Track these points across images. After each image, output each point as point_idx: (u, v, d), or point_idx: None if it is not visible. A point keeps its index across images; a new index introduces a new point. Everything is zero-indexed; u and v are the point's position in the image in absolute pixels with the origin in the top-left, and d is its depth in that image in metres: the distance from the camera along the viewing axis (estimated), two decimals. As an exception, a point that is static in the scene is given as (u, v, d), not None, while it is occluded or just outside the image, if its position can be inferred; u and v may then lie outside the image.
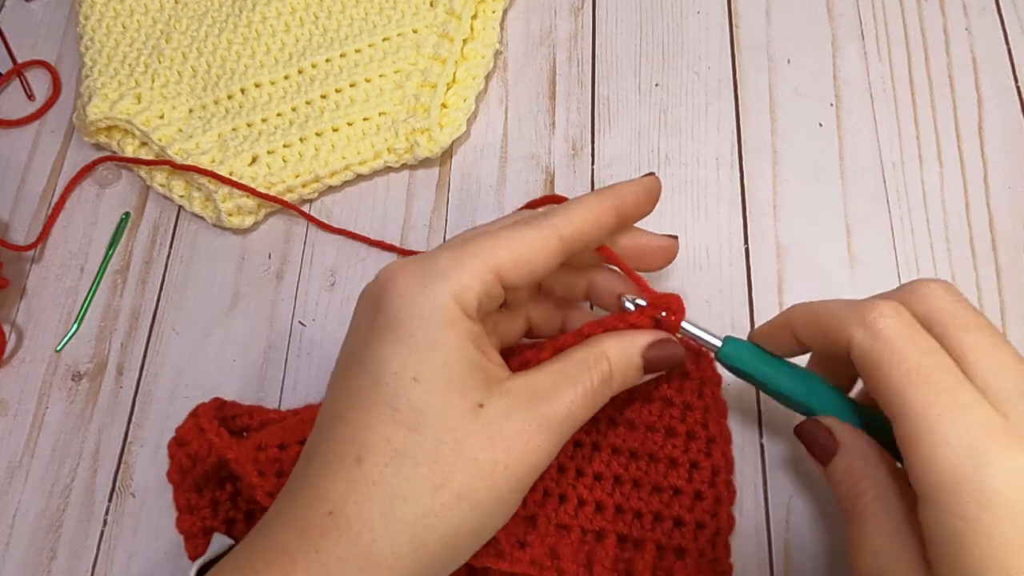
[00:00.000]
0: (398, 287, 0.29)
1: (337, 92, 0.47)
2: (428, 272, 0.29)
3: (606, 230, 0.32)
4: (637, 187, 0.33)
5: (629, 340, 0.32)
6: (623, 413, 0.36)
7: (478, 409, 0.28)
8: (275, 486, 0.33)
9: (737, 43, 0.48)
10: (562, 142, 0.46)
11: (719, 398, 0.36)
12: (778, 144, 0.45)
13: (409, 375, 0.28)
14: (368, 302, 0.30)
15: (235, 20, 0.49)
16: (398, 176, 0.47)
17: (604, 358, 0.31)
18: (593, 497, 0.35)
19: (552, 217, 0.31)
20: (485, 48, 0.48)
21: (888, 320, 0.28)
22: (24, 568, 0.39)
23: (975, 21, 0.47)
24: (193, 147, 0.45)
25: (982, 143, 0.44)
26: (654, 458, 0.35)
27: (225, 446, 0.34)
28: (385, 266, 0.31)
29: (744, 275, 0.42)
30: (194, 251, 0.45)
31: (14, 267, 0.46)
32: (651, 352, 0.32)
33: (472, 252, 0.29)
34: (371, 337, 0.29)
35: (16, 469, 0.41)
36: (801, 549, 0.36)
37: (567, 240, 0.31)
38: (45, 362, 0.43)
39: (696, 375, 0.36)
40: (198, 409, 0.37)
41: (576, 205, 0.32)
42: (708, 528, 0.34)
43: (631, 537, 0.35)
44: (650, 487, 0.35)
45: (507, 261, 0.30)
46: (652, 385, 0.35)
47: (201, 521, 0.36)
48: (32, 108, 0.50)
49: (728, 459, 0.36)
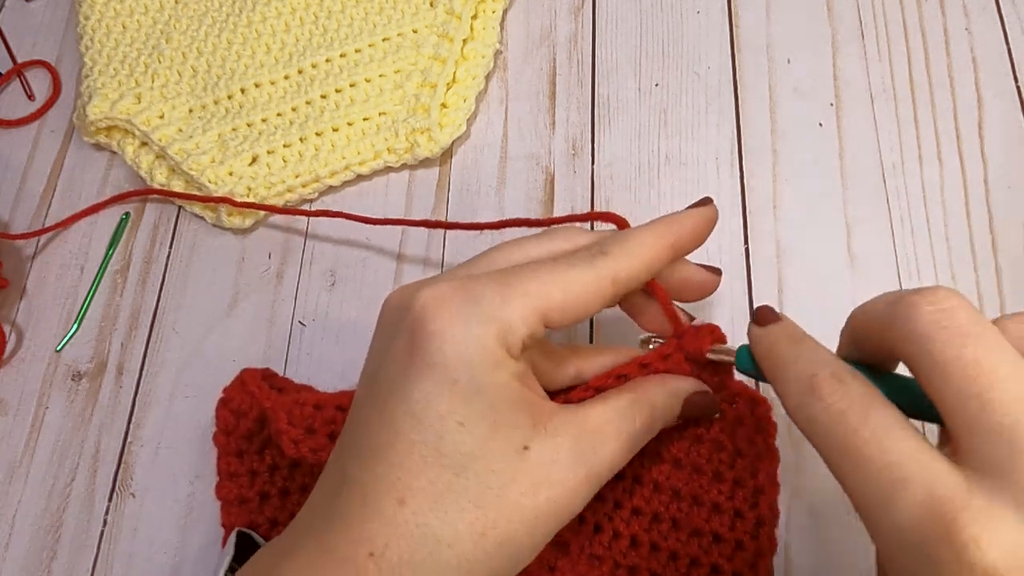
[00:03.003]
0: (438, 323, 0.28)
1: (337, 92, 0.47)
2: (471, 311, 0.27)
3: (660, 268, 0.31)
4: (697, 218, 0.32)
5: (673, 387, 0.31)
6: (670, 450, 0.35)
7: (523, 451, 0.27)
8: (301, 437, 0.33)
9: (737, 43, 0.48)
10: (562, 142, 0.46)
11: (772, 447, 0.35)
12: (778, 144, 0.45)
13: (455, 419, 0.27)
14: (401, 328, 0.29)
15: (235, 20, 0.49)
16: (398, 176, 0.47)
17: (649, 406, 0.30)
18: (629, 531, 0.34)
19: (608, 258, 0.29)
20: (485, 48, 0.48)
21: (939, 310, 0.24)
22: (24, 568, 0.39)
23: (975, 21, 0.47)
24: (193, 147, 0.45)
25: (982, 143, 0.44)
26: (697, 501, 0.34)
27: (264, 396, 0.35)
28: (418, 287, 0.29)
29: (744, 275, 0.42)
30: (194, 251, 0.45)
31: (14, 267, 0.46)
32: (691, 400, 0.31)
33: (520, 291, 0.28)
34: (410, 373, 0.28)
35: (16, 469, 0.41)
36: (801, 549, 0.36)
37: (621, 283, 0.29)
38: (45, 362, 0.43)
39: (750, 421, 0.34)
40: (244, 372, 0.38)
41: (635, 243, 0.30)
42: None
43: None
44: (689, 530, 0.34)
45: (556, 304, 0.28)
46: (704, 426, 0.34)
47: (238, 489, 0.37)
48: (32, 108, 0.50)
49: (774, 511, 0.34)
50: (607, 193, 0.44)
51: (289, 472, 0.37)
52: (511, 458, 0.27)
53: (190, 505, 0.39)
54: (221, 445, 0.38)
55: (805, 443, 0.37)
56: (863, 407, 0.24)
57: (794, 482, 0.37)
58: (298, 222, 0.46)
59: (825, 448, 0.25)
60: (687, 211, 0.32)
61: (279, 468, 0.37)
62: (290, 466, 0.37)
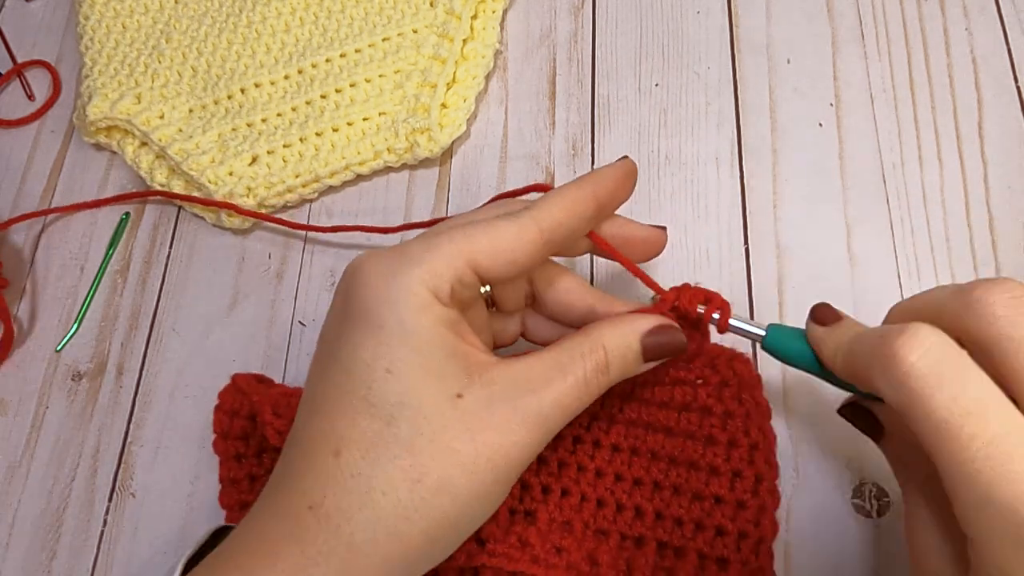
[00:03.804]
0: (367, 275, 0.29)
1: (337, 92, 0.47)
2: (398, 259, 0.29)
3: (586, 218, 0.31)
4: (614, 171, 0.32)
5: (628, 326, 0.30)
6: (659, 419, 0.35)
7: (456, 399, 0.27)
8: (286, 428, 0.33)
9: (737, 43, 0.48)
10: (562, 142, 0.46)
11: (761, 401, 0.35)
12: (778, 144, 0.45)
13: (382, 366, 0.27)
14: (340, 292, 0.30)
15: (235, 20, 0.49)
16: (398, 176, 0.47)
17: (600, 346, 0.30)
18: (632, 502, 0.34)
19: (531, 208, 0.30)
20: (485, 48, 0.48)
21: (914, 356, 0.25)
22: (24, 568, 0.39)
23: (975, 21, 0.47)
24: (193, 147, 0.45)
25: (982, 143, 0.44)
26: (695, 466, 0.34)
27: (252, 391, 0.36)
28: (356, 256, 0.30)
29: (744, 275, 0.42)
30: (194, 251, 0.45)
31: (14, 267, 0.46)
32: (650, 338, 0.30)
33: (445, 239, 0.29)
34: (342, 328, 0.29)
35: (16, 469, 0.41)
36: (801, 549, 0.36)
37: (547, 231, 0.30)
38: (45, 362, 0.43)
39: (734, 380, 0.35)
40: (236, 376, 0.39)
41: (554, 194, 0.31)
42: (751, 537, 0.33)
43: (671, 545, 0.34)
44: (691, 495, 0.34)
45: (483, 251, 0.29)
46: (690, 394, 0.35)
47: (239, 495, 0.37)
48: (32, 108, 0.50)
49: (772, 464, 0.34)
50: (607, 193, 0.44)
51: None
52: (443, 406, 0.27)
53: (190, 505, 0.39)
54: (221, 451, 0.38)
55: (806, 442, 0.38)
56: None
57: (794, 482, 0.37)
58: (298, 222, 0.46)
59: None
60: (606, 165, 0.33)
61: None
62: None
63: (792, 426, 0.38)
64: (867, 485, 0.37)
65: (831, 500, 0.36)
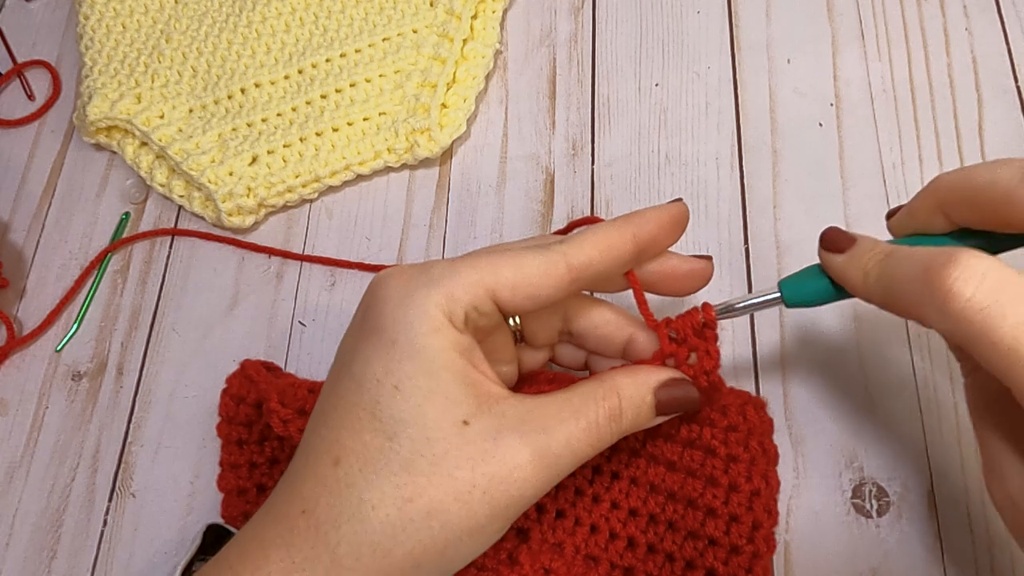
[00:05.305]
0: (387, 290, 0.29)
1: (337, 92, 0.47)
2: (418, 278, 0.28)
3: (622, 261, 0.30)
4: (660, 213, 0.31)
5: (642, 377, 0.30)
6: (664, 453, 0.35)
7: (462, 426, 0.27)
8: (292, 417, 0.34)
9: (737, 43, 0.48)
10: (562, 142, 0.46)
11: (768, 447, 0.35)
12: (778, 144, 0.45)
13: (391, 382, 0.27)
14: (362, 305, 0.30)
15: (235, 20, 0.49)
16: (398, 176, 0.47)
17: (614, 393, 0.29)
18: (626, 532, 0.34)
19: (563, 244, 0.29)
20: (485, 48, 0.48)
21: (970, 290, 0.24)
22: (24, 568, 0.39)
23: (975, 21, 0.47)
24: (193, 147, 0.45)
25: (982, 143, 0.44)
26: (693, 504, 0.34)
27: (260, 379, 0.36)
28: (383, 270, 0.30)
29: (744, 275, 0.42)
30: (194, 251, 0.45)
31: (14, 267, 0.46)
32: (663, 392, 0.30)
33: (468, 265, 0.28)
34: (358, 342, 0.29)
35: (16, 469, 0.41)
36: (801, 549, 0.36)
37: (575, 268, 0.29)
38: (45, 362, 0.43)
39: (744, 426, 0.34)
40: (245, 362, 0.39)
41: (591, 232, 0.30)
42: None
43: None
44: (686, 532, 0.34)
45: (505, 281, 0.28)
46: (696, 432, 0.34)
47: (237, 480, 0.37)
48: (32, 108, 0.50)
49: (772, 512, 0.34)
50: (607, 193, 0.44)
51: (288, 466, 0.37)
52: (448, 430, 0.27)
53: (190, 505, 0.39)
54: (224, 435, 0.38)
55: (806, 442, 0.38)
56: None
57: (794, 482, 0.37)
58: (298, 222, 0.46)
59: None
60: (654, 207, 0.32)
61: (279, 462, 0.38)
62: (289, 460, 0.37)
63: (792, 426, 0.38)
64: (867, 485, 0.37)
65: (831, 500, 0.36)
